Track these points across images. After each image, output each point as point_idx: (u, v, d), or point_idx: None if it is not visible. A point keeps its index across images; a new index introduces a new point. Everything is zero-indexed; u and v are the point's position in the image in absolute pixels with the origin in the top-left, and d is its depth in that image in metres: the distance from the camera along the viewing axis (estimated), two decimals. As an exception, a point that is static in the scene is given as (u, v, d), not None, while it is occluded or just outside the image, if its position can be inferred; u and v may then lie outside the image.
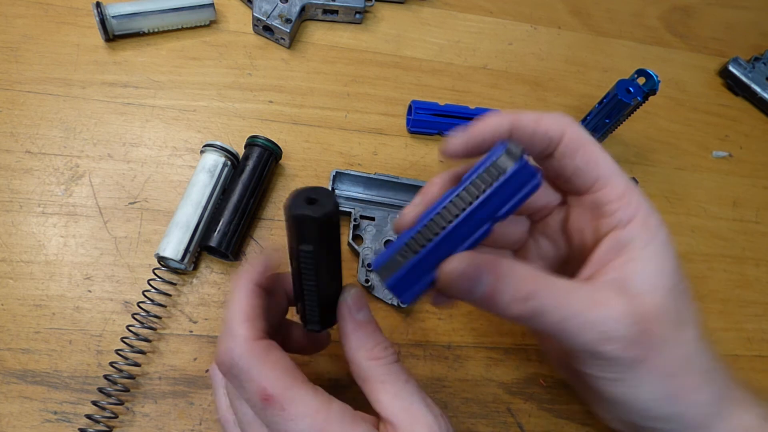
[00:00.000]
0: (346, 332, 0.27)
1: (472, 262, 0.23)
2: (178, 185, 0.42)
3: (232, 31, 0.50)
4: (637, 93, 0.46)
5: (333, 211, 0.23)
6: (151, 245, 0.40)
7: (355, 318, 0.27)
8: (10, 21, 0.45)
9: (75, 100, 0.44)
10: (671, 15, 0.67)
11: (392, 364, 0.26)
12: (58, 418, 0.34)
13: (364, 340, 0.27)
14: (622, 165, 0.57)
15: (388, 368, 0.26)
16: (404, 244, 0.23)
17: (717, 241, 0.52)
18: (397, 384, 0.26)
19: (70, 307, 0.37)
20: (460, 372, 0.41)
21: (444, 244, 0.23)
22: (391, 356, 0.27)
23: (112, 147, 0.43)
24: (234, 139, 0.45)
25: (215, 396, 0.30)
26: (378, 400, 0.25)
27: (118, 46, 0.47)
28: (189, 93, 0.46)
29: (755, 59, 0.62)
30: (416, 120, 0.48)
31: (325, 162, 0.46)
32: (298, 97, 0.49)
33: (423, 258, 0.23)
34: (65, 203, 0.40)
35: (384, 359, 0.26)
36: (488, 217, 0.23)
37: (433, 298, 0.28)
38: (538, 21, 0.61)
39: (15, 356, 0.35)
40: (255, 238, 0.42)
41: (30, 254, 0.38)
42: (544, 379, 0.42)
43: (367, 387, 0.26)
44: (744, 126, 0.61)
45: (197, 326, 0.38)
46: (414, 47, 0.55)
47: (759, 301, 0.51)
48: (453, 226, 0.23)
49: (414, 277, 0.24)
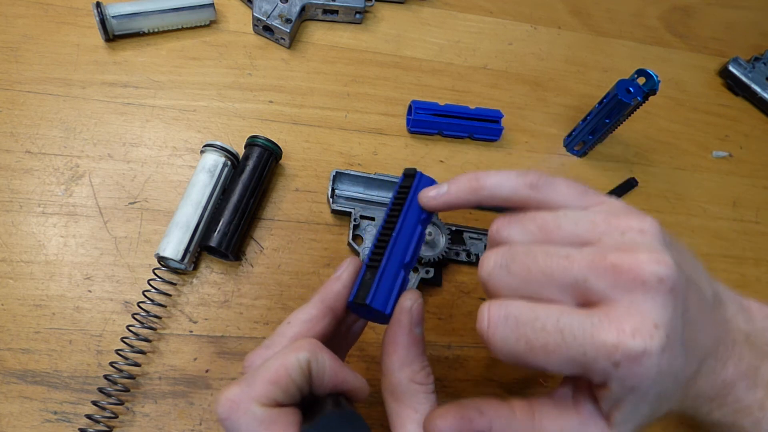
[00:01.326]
0: (397, 342, 0.25)
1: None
2: (178, 185, 0.42)
3: (232, 31, 0.50)
4: (637, 93, 0.46)
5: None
6: (151, 245, 0.40)
7: (413, 331, 0.25)
8: (10, 21, 0.45)
9: (75, 100, 0.44)
10: (671, 15, 0.67)
11: (431, 393, 0.25)
12: (58, 418, 0.34)
13: (412, 358, 0.25)
14: (622, 165, 0.57)
15: (427, 397, 0.25)
16: (365, 267, 0.27)
17: (717, 241, 0.52)
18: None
19: (70, 307, 0.37)
20: (460, 372, 0.41)
21: (396, 251, 0.27)
22: (432, 385, 0.25)
23: (112, 147, 0.43)
24: (234, 139, 0.45)
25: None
26: (403, 426, 0.24)
27: (118, 46, 0.47)
28: (189, 93, 0.46)
29: (755, 59, 0.62)
30: (416, 120, 0.48)
31: (325, 162, 0.46)
32: (298, 97, 0.49)
33: (386, 267, 0.26)
34: (65, 203, 0.40)
35: (426, 386, 0.25)
36: (417, 220, 0.28)
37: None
38: (538, 21, 0.61)
39: (15, 356, 0.35)
40: (255, 238, 0.42)
41: (30, 254, 0.38)
42: (544, 379, 0.42)
43: (398, 408, 0.25)
44: (744, 126, 0.61)
45: (197, 326, 0.38)
46: (414, 47, 0.55)
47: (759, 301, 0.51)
48: (396, 234, 0.27)
49: (386, 286, 0.26)
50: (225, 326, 0.39)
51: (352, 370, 0.26)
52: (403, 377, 0.25)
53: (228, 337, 0.39)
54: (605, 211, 0.23)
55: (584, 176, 0.52)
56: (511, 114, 0.53)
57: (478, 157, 0.50)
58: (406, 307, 0.26)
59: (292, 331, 0.26)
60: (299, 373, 0.23)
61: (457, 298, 0.44)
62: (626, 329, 0.19)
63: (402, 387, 0.25)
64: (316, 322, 0.26)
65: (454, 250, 0.44)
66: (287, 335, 0.26)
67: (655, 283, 0.20)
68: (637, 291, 0.20)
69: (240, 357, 0.38)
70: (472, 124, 0.49)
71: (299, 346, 0.24)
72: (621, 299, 0.20)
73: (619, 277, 0.20)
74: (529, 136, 0.53)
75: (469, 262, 0.45)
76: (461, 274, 0.45)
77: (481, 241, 0.45)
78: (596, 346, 0.19)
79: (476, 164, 0.50)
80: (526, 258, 0.22)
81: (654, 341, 0.19)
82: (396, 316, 0.26)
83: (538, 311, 0.21)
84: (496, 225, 0.25)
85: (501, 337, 0.21)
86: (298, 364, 0.23)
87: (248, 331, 0.39)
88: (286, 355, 0.23)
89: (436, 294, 0.44)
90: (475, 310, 0.44)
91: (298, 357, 0.23)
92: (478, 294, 0.44)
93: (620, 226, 0.22)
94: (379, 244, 0.27)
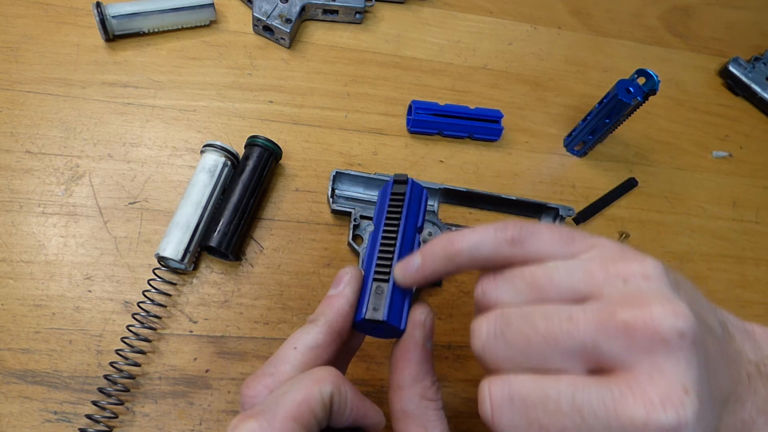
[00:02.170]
0: (409, 358, 0.24)
1: None
2: (178, 185, 0.42)
3: (232, 31, 0.50)
4: (637, 93, 0.46)
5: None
6: (151, 245, 0.40)
7: (425, 346, 0.24)
8: (10, 21, 0.45)
9: (75, 100, 0.44)
10: (671, 15, 0.67)
11: (440, 410, 0.24)
12: (58, 418, 0.34)
13: (424, 374, 0.24)
14: (622, 165, 0.57)
15: (437, 414, 0.24)
16: (371, 281, 0.26)
17: (717, 241, 0.52)
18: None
19: (70, 307, 0.37)
20: (460, 372, 0.41)
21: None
22: (441, 401, 0.25)
23: (112, 147, 0.43)
24: (234, 139, 0.45)
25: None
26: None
27: (118, 46, 0.47)
28: (189, 93, 0.46)
29: (755, 59, 0.62)
30: (416, 120, 0.48)
31: (325, 162, 0.46)
32: (298, 97, 0.49)
33: (394, 283, 0.25)
34: (65, 203, 0.40)
35: (436, 402, 0.24)
36: (414, 229, 0.27)
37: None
38: (538, 21, 0.61)
39: (15, 356, 0.35)
40: (255, 238, 0.42)
41: (30, 254, 0.38)
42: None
43: (407, 424, 0.24)
44: (744, 126, 0.61)
45: (197, 326, 0.38)
46: (414, 47, 0.55)
47: (759, 301, 0.51)
48: (399, 245, 0.26)
49: (398, 300, 0.25)
50: (225, 326, 0.39)
51: (371, 403, 0.25)
52: (414, 393, 0.24)
53: (228, 337, 0.39)
54: (599, 257, 0.21)
55: (584, 176, 0.52)
56: (511, 114, 0.53)
57: (478, 157, 0.50)
58: (420, 321, 0.25)
59: (299, 359, 0.24)
60: (321, 408, 0.22)
61: (457, 298, 0.44)
62: (654, 400, 0.17)
63: (413, 404, 0.24)
64: (325, 349, 0.25)
65: (454, 250, 0.44)
66: (293, 363, 0.24)
67: (676, 339, 0.18)
68: (658, 352, 0.18)
69: (240, 357, 0.38)
70: (472, 124, 0.49)
71: (322, 379, 0.22)
72: (640, 363, 0.18)
73: (634, 337, 0.18)
74: (529, 136, 0.53)
75: (469, 262, 0.45)
76: (461, 274, 0.45)
77: (481, 241, 0.45)
78: (623, 425, 0.17)
79: (476, 164, 0.50)
80: (522, 324, 0.20)
81: (687, 410, 0.17)
82: (409, 331, 0.25)
83: (548, 388, 0.18)
84: (482, 286, 0.23)
85: (508, 422, 0.19)
86: (321, 399, 0.22)
87: (248, 331, 0.39)
88: (309, 388, 0.22)
89: (436, 294, 0.44)
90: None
91: (321, 391, 0.22)
92: (478, 294, 0.44)
93: (620, 273, 0.20)
94: (384, 256, 0.26)
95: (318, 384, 0.22)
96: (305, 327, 0.25)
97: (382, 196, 0.29)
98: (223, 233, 0.39)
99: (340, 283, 0.26)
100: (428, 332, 0.25)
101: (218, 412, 0.36)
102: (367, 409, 0.24)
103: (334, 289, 0.26)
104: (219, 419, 0.36)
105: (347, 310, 0.25)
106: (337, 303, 0.26)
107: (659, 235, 0.51)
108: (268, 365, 0.24)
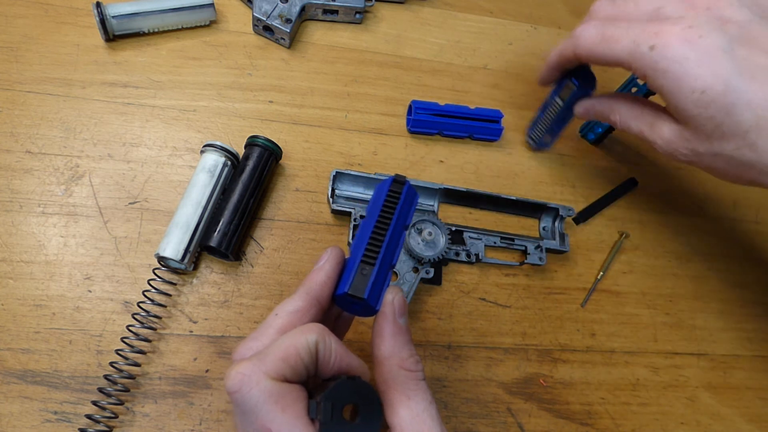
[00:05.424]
0: (384, 334, 0.27)
1: None
2: (178, 185, 0.42)
3: (232, 31, 0.50)
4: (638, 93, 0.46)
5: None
6: (151, 245, 0.40)
7: (397, 321, 0.27)
8: (10, 21, 0.45)
9: (75, 100, 0.44)
10: (671, 15, 0.67)
11: (421, 380, 0.26)
12: (58, 418, 0.34)
13: (399, 347, 0.27)
14: (622, 165, 0.57)
15: (417, 384, 0.26)
16: (359, 261, 0.28)
17: (717, 241, 0.53)
18: (421, 404, 0.26)
19: (70, 307, 0.37)
20: (460, 372, 0.41)
21: (388, 252, 0.29)
22: (421, 372, 0.27)
23: (112, 147, 0.43)
24: (234, 139, 0.45)
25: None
26: (397, 413, 0.25)
27: (118, 46, 0.47)
28: (189, 93, 0.46)
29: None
30: (416, 120, 0.48)
31: (325, 162, 0.46)
32: (298, 97, 0.49)
33: (380, 265, 0.28)
34: (65, 203, 0.40)
35: (416, 373, 0.26)
36: (402, 226, 0.30)
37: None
38: (538, 21, 0.61)
39: (15, 356, 0.35)
40: (255, 238, 0.42)
41: (30, 254, 0.38)
42: (544, 379, 0.42)
43: (390, 395, 0.26)
44: (744, 126, 0.60)
45: (197, 326, 0.39)
46: (414, 47, 0.55)
47: (759, 301, 0.51)
48: (389, 236, 0.29)
49: (378, 283, 0.28)
50: (225, 326, 0.39)
51: (356, 356, 0.27)
52: (393, 364, 0.26)
53: (228, 337, 0.39)
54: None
55: (584, 176, 0.52)
56: (511, 114, 0.53)
57: (478, 157, 0.50)
58: (389, 300, 0.28)
59: (280, 323, 0.26)
60: (308, 352, 0.24)
61: (457, 298, 0.44)
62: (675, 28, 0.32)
63: (393, 373, 0.26)
64: (303, 314, 0.27)
65: (454, 250, 0.44)
66: (275, 326, 0.26)
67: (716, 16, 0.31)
68: (701, 14, 0.31)
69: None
70: (472, 124, 0.49)
71: (308, 329, 0.25)
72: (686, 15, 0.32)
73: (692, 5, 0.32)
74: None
75: (468, 262, 0.45)
76: (461, 274, 0.45)
77: (481, 240, 0.45)
78: (646, 33, 0.32)
79: (476, 164, 0.50)
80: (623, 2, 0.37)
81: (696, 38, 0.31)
82: (382, 309, 0.27)
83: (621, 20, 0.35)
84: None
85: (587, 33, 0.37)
86: (307, 345, 0.24)
87: (248, 331, 0.39)
88: (296, 336, 0.24)
89: (436, 294, 0.44)
90: (475, 310, 0.44)
91: (307, 338, 0.24)
92: (478, 294, 0.44)
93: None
94: (374, 242, 0.28)
95: (305, 333, 0.25)
96: (287, 298, 0.28)
97: (379, 191, 0.32)
98: (223, 233, 0.39)
99: (321, 260, 0.29)
100: (399, 309, 0.27)
101: (218, 412, 0.36)
102: (351, 359, 0.26)
103: (316, 264, 0.29)
104: (219, 419, 0.36)
105: (324, 280, 0.28)
106: (315, 275, 0.28)
107: (659, 235, 0.51)
108: (253, 332, 0.27)
